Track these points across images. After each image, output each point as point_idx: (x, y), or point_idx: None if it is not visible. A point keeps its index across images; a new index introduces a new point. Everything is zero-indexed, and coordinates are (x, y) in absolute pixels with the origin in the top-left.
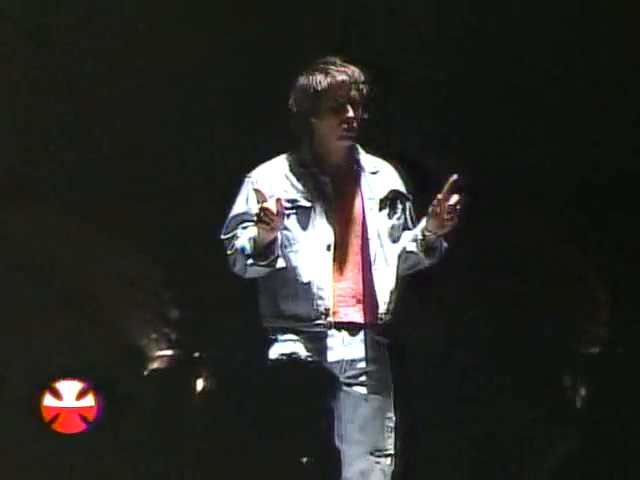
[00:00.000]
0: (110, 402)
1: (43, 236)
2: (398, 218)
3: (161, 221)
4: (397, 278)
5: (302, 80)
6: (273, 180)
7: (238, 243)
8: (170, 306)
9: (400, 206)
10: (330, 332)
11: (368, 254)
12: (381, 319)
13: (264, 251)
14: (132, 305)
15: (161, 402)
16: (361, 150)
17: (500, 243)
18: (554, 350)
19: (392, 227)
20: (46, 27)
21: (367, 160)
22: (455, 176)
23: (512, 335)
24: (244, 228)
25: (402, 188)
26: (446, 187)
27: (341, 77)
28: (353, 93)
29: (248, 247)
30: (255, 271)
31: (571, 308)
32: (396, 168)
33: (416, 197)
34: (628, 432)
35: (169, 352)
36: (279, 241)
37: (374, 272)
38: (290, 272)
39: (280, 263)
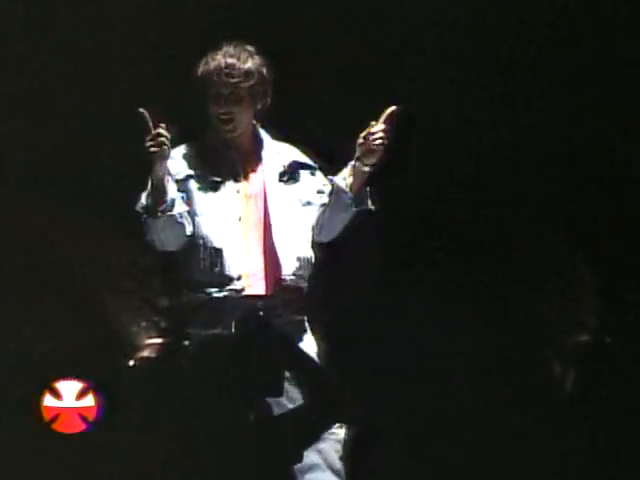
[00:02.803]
0: (104, 393)
1: (35, 231)
2: (303, 185)
3: None
4: (306, 248)
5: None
6: (186, 158)
7: (138, 205)
8: (160, 293)
9: (304, 174)
10: (239, 304)
11: (269, 227)
12: (282, 291)
13: (159, 193)
14: (122, 293)
15: (153, 392)
16: (265, 134)
17: (486, 229)
18: (542, 338)
19: (298, 195)
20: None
21: (269, 142)
22: (393, 107)
23: (499, 322)
24: None
25: (305, 160)
26: (382, 118)
27: (213, 66)
28: (227, 84)
29: (144, 200)
30: (160, 228)
31: (559, 296)
32: (301, 150)
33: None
34: (616, 421)
35: (159, 340)
36: (170, 182)
37: (275, 244)
38: (202, 240)
39: (188, 229)
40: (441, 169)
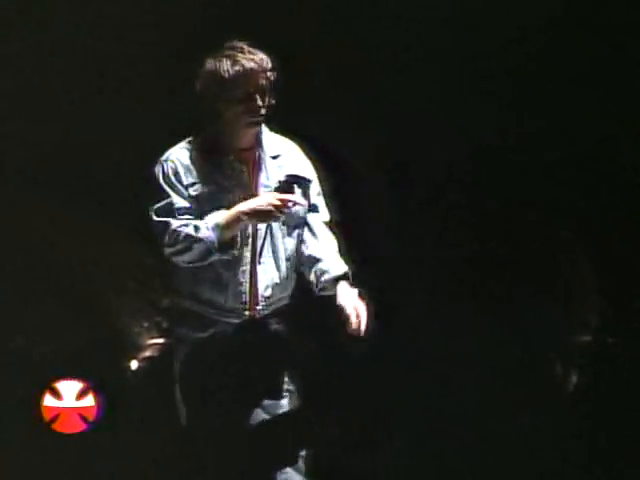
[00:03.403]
0: (104, 393)
1: (36, 231)
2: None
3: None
4: (289, 268)
5: (209, 65)
6: (193, 165)
7: (201, 233)
8: (161, 294)
9: (298, 190)
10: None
11: (255, 246)
12: (259, 313)
13: (231, 241)
14: (123, 293)
15: (153, 392)
16: (265, 130)
17: (490, 229)
18: (546, 339)
19: (289, 216)
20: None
21: (270, 142)
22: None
23: (502, 323)
24: (180, 215)
25: (301, 171)
26: (353, 322)
27: (249, 65)
28: (261, 82)
29: (215, 238)
30: (205, 257)
31: (563, 297)
32: (300, 147)
33: (320, 179)
34: (618, 421)
35: (160, 340)
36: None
37: (258, 266)
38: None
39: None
40: (447, 169)
